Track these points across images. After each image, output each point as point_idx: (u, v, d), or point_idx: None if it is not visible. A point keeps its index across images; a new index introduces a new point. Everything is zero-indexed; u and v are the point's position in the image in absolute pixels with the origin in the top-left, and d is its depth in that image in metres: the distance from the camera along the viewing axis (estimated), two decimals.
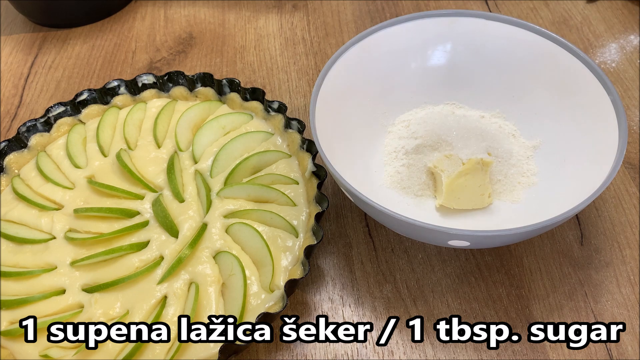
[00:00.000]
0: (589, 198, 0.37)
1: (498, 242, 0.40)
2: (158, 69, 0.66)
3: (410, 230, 0.39)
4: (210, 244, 0.45)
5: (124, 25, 0.73)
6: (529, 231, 0.37)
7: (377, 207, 0.38)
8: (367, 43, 0.50)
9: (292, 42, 0.68)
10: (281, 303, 0.40)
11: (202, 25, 0.72)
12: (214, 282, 0.42)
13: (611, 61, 0.61)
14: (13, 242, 0.46)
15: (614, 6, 0.68)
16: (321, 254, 0.48)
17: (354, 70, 0.50)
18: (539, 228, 0.37)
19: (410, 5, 0.71)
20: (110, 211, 0.47)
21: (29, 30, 0.74)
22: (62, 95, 0.64)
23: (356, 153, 0.51)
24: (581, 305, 0.44)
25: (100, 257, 0.43)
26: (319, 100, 0.46)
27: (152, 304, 0.42)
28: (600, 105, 0.44)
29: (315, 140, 0.43)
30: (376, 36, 0.50)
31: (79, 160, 0.51)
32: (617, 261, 0.46)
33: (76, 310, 0.42)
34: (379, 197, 0.48)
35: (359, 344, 0.43)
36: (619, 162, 0.39)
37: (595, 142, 0.44)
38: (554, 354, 0.41)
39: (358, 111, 0.52)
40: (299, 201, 0.47)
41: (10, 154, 0.51)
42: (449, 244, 0.39)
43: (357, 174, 0.48)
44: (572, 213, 0.37)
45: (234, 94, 0.54)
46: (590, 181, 0.40)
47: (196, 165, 0.50)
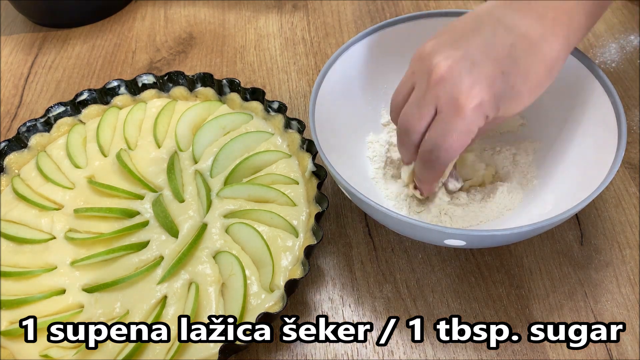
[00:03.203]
0: (588, 198, 0.37)
1: (494, 242, 0.40)
2: (158, 69, 0.66)
3: (407, 229, 0.40)
4: (210, 244, 0.45)
5: (124, 25, 0.73)
6: (525, 232, 0.37)
7: (374, 205, 0.38)
8: (368, 42, 0.50)
9: (292, 42, 0.68)
10: (281, 303, 0.40)
11: (202, 25, 0.72)
12: (214, 282, 0.42)
13: (611, 61, 0.61)
14: (13, 242, 0.46)
15: (614, 6, 0.68)
16: (321, 254, 0.48)
17: (354, 69, 0.50)
18: (536, 228, 0.37)
19: (410, 5, 0.71)
20: (110, 211, 0.47)
21: (29, 30, 0.74)
22: (62, 95, 0.64)
23: (355, 152, 0.50)
24: (581, 305, 0.44)
25: (100, 257, 0.43)
26: (318, 99, 0.46)
27: (152, 304, 0.42)
28: (600, 107, 0.44)
29: (315, 139, 0.43)
30: (376, 35, 0.50)
31: (79, 160, 0.51)
32: (617, 261, 0.46)
33: (76, 310, 0.42)
34: (378, 197, 0.49)
35: (359, 344, 0.43)
36: (618, 163, 0.39)
37: (595, 143, 0.44)
38: (554, 354, 0.41)
39: (358, 111, 0.52)
40: (299, 201, 0.47)
41: (10, 154, 0.51)
42: (445, 243, 0.40)
43: (356, 173, 0.48)
44: (571, 213, 0.37)
45: (234, 94, 0.54)
46: (590, 181, 0.40)
47: (196, 165, 0.50)
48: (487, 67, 0.35)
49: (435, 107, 0.37)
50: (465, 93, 0.35)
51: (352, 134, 0.51)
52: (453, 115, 0.36)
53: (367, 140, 0.52)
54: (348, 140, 0.50)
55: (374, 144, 0.52)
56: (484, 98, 0.35)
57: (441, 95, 0.36)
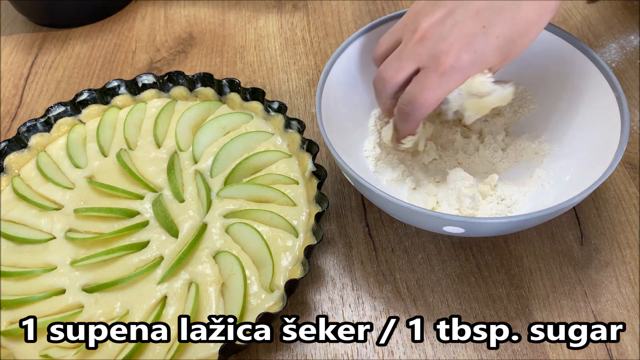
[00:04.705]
0: (586, 191, 0.38)
1: (492, 230, 0.40)
2: (158, 69, 0.66)
3: (407, 215, 0.40)
4: (210, 244, 0.45)
5: (124, 25, 0.73)
6: (522, 220, 0.37)
7: (375, 190, 0.39)
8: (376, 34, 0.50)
9: (292, 42, 0.68)
10: (281, 303, 0.40)
11: (202, 25, 0.72)
12: (214, 282, 0.42)
13: (611, 61, 0.61)
14: (13, 242, 0.46)
15: (614, 6, 0.68)
16: (321, 254, 0.48)
17: (358, 64, 0.51)
18: (533, 218, 0.37)
19: (410, 5, 0.71)
20: (110, 211, 0.47)
21: (29, 30, 0.74)
22: (62, 95, 0.64)
23: (355, 142, 0.51)
24: (581, 305, 0.44)
25: (100, 257, 0.43)
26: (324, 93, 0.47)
27: (152, 304, 0.42)
28: (604, 101, 0.44)
29: (321, 126, 0.44)
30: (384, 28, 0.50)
31: (79, 160, 0.51)
32: (617, 261, 0.46)
33: (76, 310, 0.42)
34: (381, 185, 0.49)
35: (359, 344, 0.43)
36: (619, 157, 0.39)
37: (598, 138, 0.44)
38: (554, 354, 0.41)
39: (360, 103, 0.52)
40: (299, 201, 0.47)
41: (11, 154, 0.51)
42: (444, 230, 0.40)
43: (360, 168, 0.49)
44: (569, 204, 0.37)
45: (234, 94, 0.54)
46: (591, 176, 0.40)
47: (196, 165, 0.50)
48: (469, 24, 0.37)
49: (417, 64, 0.39)
50: (445, 52, 0.37)
51: (356, 125, 0.51)
52: (432, 72, 0.38)
53: (368, 132, 0.53)
54: (352, 130, 0.51)
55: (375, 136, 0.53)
56: (463, 57, 0.37)
57: (423, 53, 0.39)
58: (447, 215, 0.37)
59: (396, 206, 0.39)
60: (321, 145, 0.55)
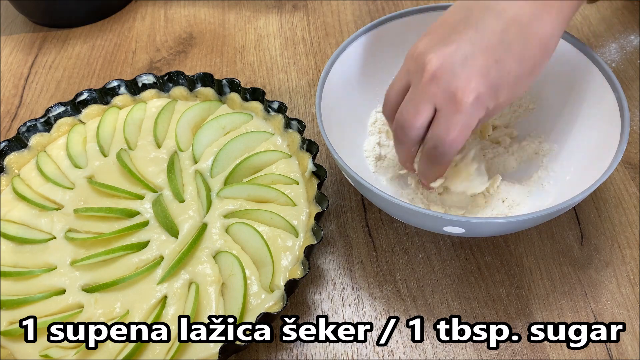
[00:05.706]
0: (586, 191, 0.38)
1: (492, 230, 0.40)
2: (158, 69, 0.66)
3: (407, 215, 0.40)
4: (210, 244, 0.45)
5: (124, 25, 0.73)
6: (522, 220, 0.37)
7: (375, 190, 0.39)
8: (370, 36, 0.50)
9: (292, 42, 0.68)
10: (281, 303, 0.40)
11: (202, 25, 0.72)
12: (214, 282, 0.42)
13: (611, 61, 0.61)
14: (13, 242, 0.46)
15: (614, 6, 0.68)
16: (321, 254, 0.48)
17: (358, 63, 0.51)
18: (533, 218, 0.37)
19: (410, 5, 0.71)
20: (110, 211, 0.47)
21: (29, 30, 0.74)
22: (62, 95, 0.64)
23: (355, 142, 0.51)
24: (581, 305, 0.44)
25: (100, 257, 0.43)
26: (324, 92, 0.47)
27: (152, 304, 0.42)
28: (604, 102, 0.44)
29: (320, 125, 0.43)
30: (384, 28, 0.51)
31: (79, 160, 0.51)
32: (617, 261, 0.46)
33: (76, 310, 0.42)
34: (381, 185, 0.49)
35: (359, 344, 0.43)
36: (619, 157, 0.39)
37: (598, 138, 0.44)
38: (554, 354, 0.41)
39: (360, 103, 0.52)
40: (299, 201, 0.47)
41: (11, 154, 0.51)
42: (444, 230, 0.40)
43: (358, 163, 0.49)
44: (569, 205, 0.37)
45: (234, 94, 0.54)
46: (591, 176, 0.40)
47: (196, 165, 0.50)
48: (480, 58, 0.36)
49: (434, 105, 0.37)
50: (461, 88, 0.36)
51: (357, 126, 0.51)
52: (453, 111, 0.36)
53: (366, 131, 0.53)
54: (352, 130, 0.51)
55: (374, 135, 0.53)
56: (480, 90, 0.36)
57: (438, 92, 0.36)
58: (447, 215, 0.37)
59: (396, 206, 0.39)
60: (321, 145, 0.55)
